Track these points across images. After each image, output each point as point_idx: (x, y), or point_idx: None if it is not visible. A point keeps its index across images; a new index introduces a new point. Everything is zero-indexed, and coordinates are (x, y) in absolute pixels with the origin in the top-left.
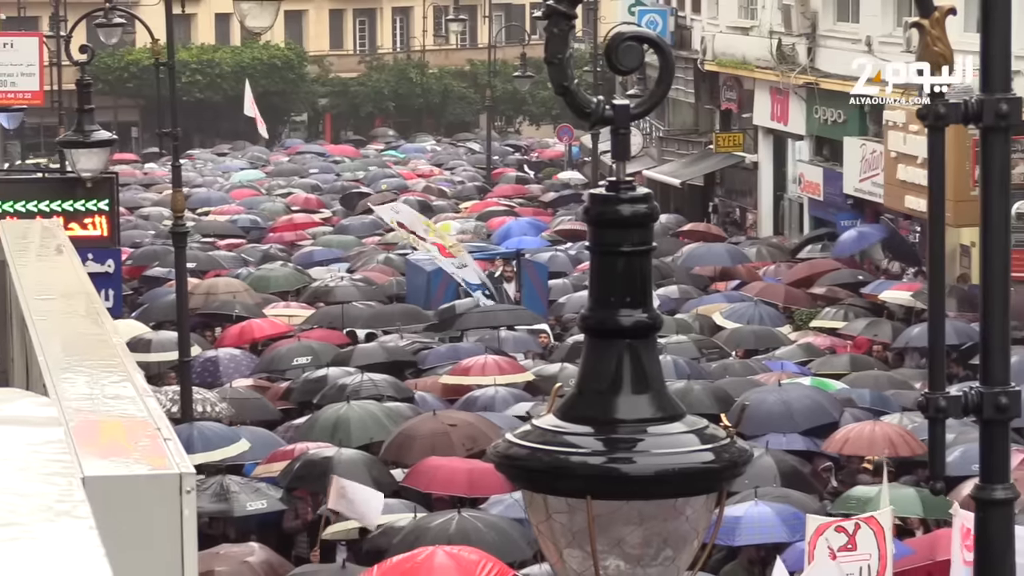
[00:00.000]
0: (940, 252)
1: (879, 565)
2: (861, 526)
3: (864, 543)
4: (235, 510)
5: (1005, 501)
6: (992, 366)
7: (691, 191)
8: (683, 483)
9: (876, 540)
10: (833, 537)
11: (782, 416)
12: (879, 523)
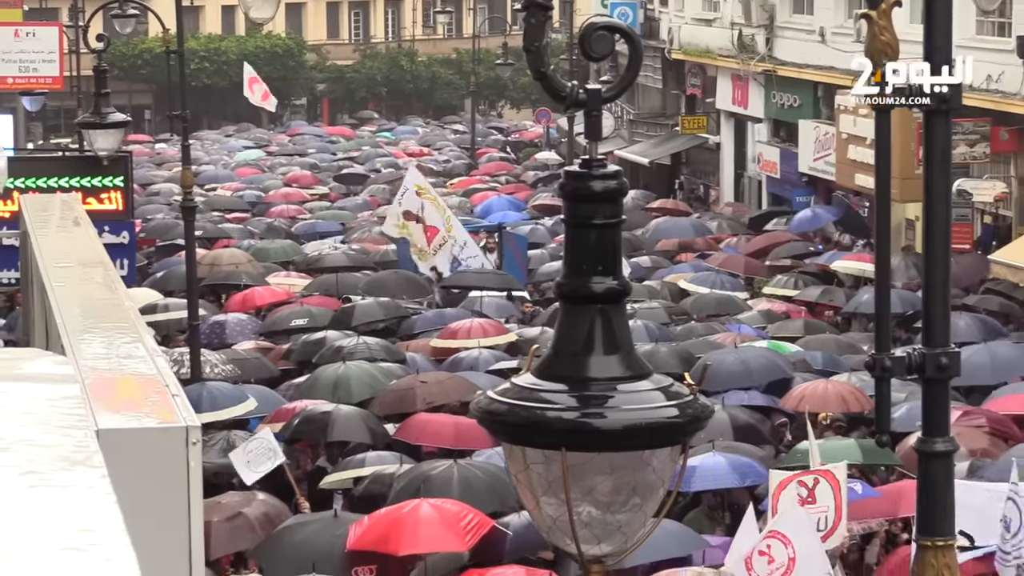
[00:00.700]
0: (886, 225)
1: (835, 516)
2: (820, 480)
3: (822, 496)
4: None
5: (945, 453)
6: (933, 329)
7: (659, 169)
8: (650, 436)
9: (833, 493)
10: (795, 491)
11: (741, 374)
12: (835, 477)
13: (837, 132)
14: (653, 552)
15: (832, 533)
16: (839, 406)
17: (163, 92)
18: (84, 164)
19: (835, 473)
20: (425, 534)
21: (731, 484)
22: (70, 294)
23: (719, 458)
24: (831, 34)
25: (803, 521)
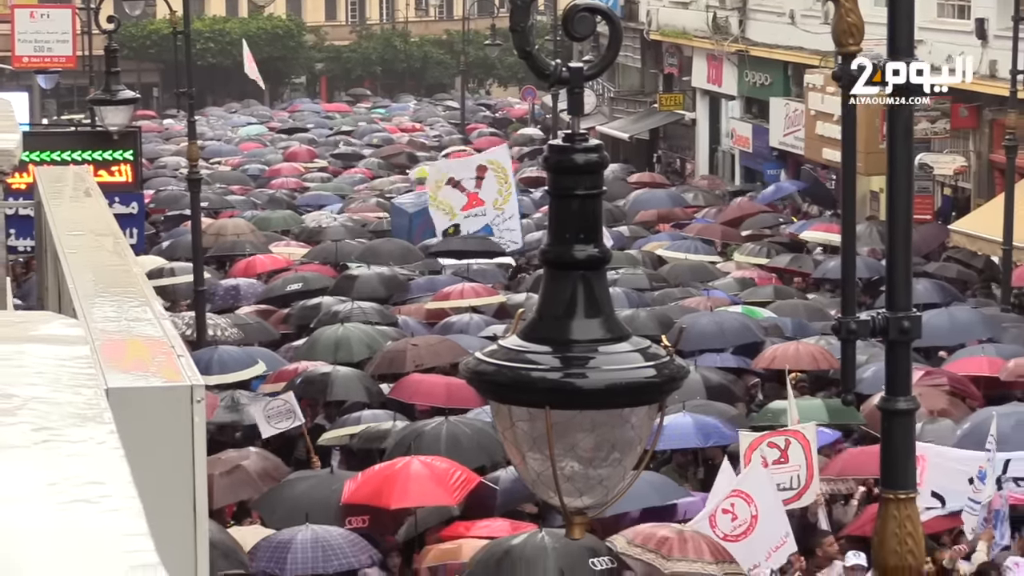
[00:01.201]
0: (851, 197)
1: (806, 474)
2: (791, 441)
3: (794, 456)
4: (245, 420)
5: (907, 411)
6: (896, 295)
7: (638, 144)
8: (629, 395)
9: (804, 453)
10: (767, 452)
11: (714, 336)
12: (806, 437)
13: (806, 109)
14: (637, 501)
15: (805, 491)
16: (810, 364)
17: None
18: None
19: (805, 433)
20: (416, 489)
21: (695, 444)
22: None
23: (687, 418)
24: (800, 16)
25: (766, 481)
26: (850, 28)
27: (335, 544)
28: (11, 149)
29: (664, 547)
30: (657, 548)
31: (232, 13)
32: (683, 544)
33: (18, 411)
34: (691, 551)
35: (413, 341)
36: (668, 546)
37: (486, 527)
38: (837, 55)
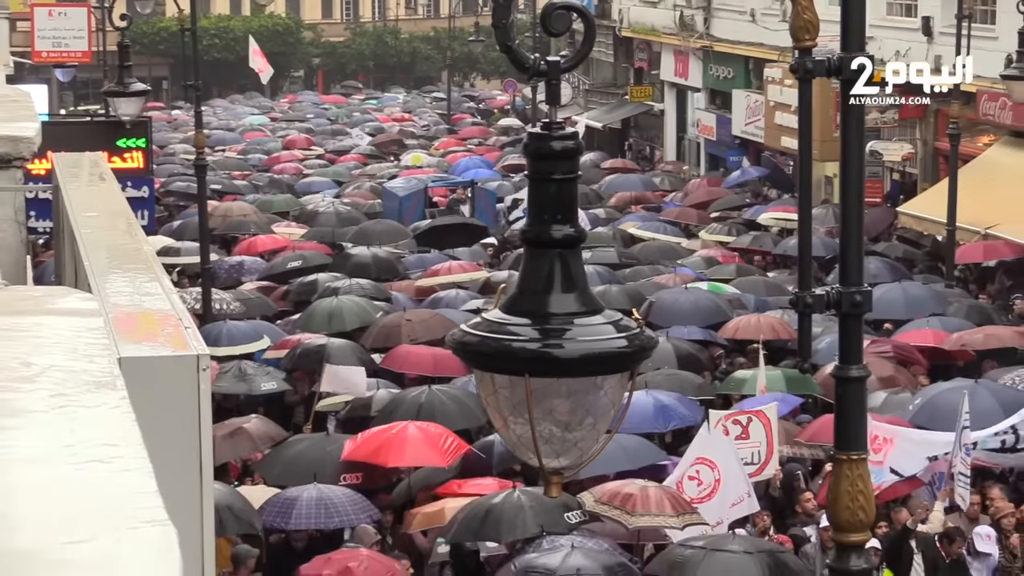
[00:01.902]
0: (808, 181)
1: (767, 451)
2: (753, 419)
3: (755, 433)
4: (252, 389)
5: (858, 378)
6: (848, 271)
7: (611, 133)
8: (602, 364)
9: (764, 431)
10: (731, 428)
11: (682, 310)
12: (767, 417)
13: (765, 100)
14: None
15: (765, 466)
16: (770, 335)
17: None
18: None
19: (767, 413)
20: (411, 451)
21: (655, 429)
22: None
23: (647, 399)
24: (760, 14)
25: (727, 448)
26: (806, 25)
27: (337, 502)
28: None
29: (628, 503)
30: (622, 504)
31: (236, 11)
32: (646, 500)
33: (37, 378)
34: (653, 506)
35: (407, 316)
36: (632, 502)
37: (476, 485)
38: (794, 50)
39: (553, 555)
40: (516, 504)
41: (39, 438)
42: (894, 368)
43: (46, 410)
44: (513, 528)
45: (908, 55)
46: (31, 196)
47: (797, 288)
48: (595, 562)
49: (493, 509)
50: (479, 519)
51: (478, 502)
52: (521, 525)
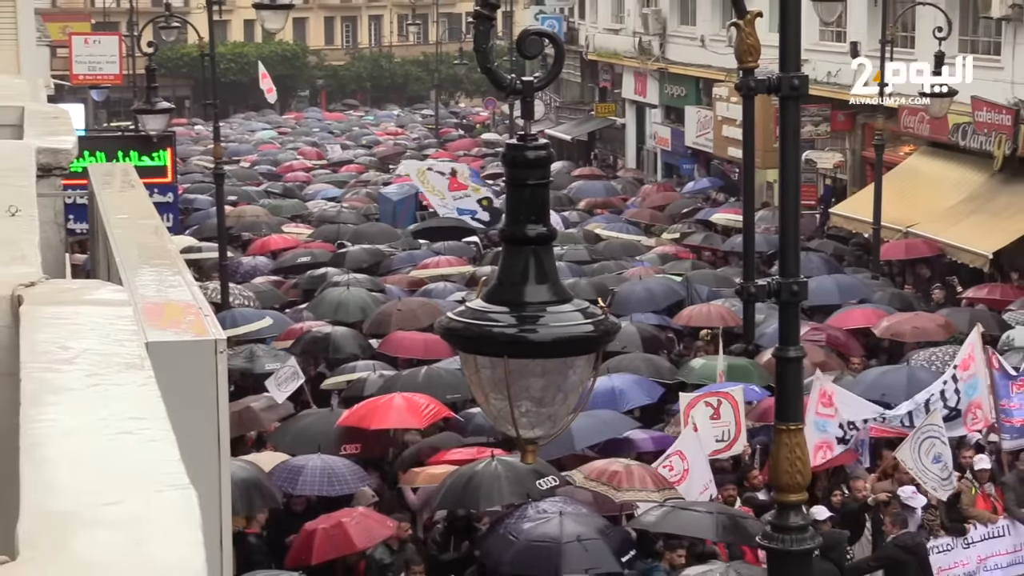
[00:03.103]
0: (751, 186)
1: (735, 429)
2: (723, 401)
3: (725, 414)
4: (257, 368)
5: (796, 359)
6: (787, 264)
7: (578, 144)
8: (572, 346)
9: (733, 411)
10: (704, 409)
11: (641, 298)
12: (734, 399)
13: (714, 115)
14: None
15: (734, 442)
16: (719, 322)
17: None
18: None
19: (734, 395)
20: (393, 415)
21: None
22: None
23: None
24: (709, 40)
25: (695, 443)
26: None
27: (339, 472)
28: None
29: (615, 480)
30: (609, 481)
31: (249, 39)
32: (630, 476)
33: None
34: (637, 482)
35: (399, 306)
36: (618, 479)
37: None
38: (739, 71)
39: (549, 524)
40: (493, 473)
41: (76, 413)
42: (824, 353)
43: (82, 388)
44: (490, 497)
45: (838, 75)
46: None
47: (743, 280)
48: (588, 527)
49: (473, 478)
50: (461, 488)
51: (461, 471)
52: (497, 494)
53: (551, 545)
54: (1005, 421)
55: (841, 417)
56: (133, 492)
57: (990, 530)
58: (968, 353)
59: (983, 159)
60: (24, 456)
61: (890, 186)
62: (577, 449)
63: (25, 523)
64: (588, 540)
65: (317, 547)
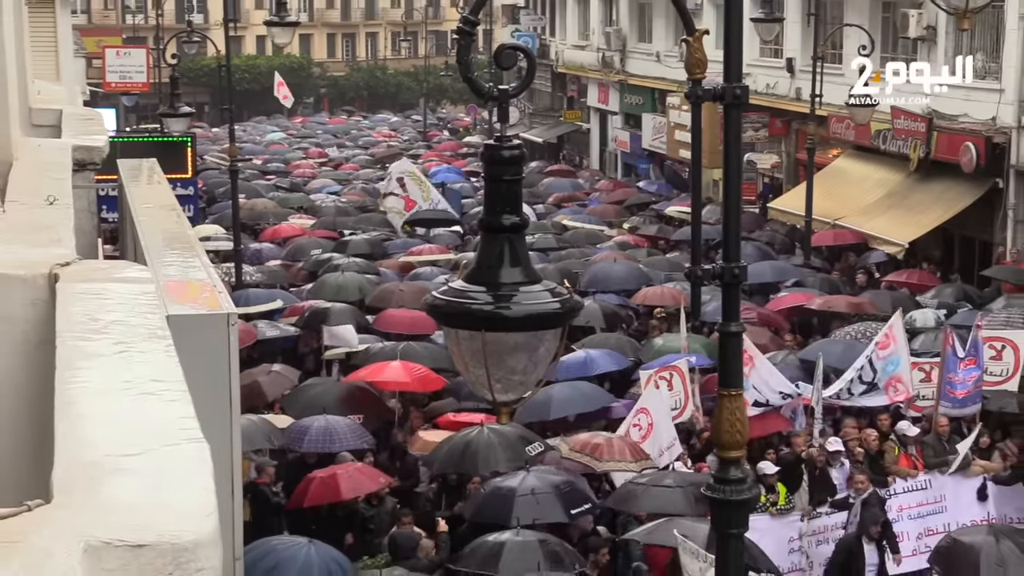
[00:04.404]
0: (699, 183)
1: (684, 398)
2: (673, 375)
3: (676, 385)
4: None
5: (736, 332)
6: (729, 251)
7: (549, 146)
8: (541, 322)
9: (682, 383)
10: (660, 382)
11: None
12: (682, 371)
13: (667, 121)
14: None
15: (684, 410)
16: (670, 302)
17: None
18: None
19: (682, 368)
20: (390, 375)
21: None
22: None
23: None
24: (663, 56)
25: (659, 400)
26: (697, 63)
27: (340, 431)
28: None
29: (596, 451)
30: (591, 452)
31: (261, 52)
32: (611, 448)
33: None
34: (616, 453)
35: (401, 286)
36: (599, 450)
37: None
38: (689, 82)
39: (513, 478)
40: (487, 440)
41: (104, 376)
42: (769, 338)
43: (110, 354)
44: (487, 461)
45: (775, 87)
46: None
47: (691, 264)
48: (545, 482)
49: (470, 444)
50: (459, 453)
51: (455, 438)
52: (493, 458)
53: (506, 495)
54: (949, 392)
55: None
56: (153, 445)
57: (911, 484)
58: (888, 333)
59: (900, 161)
60: (59, 413)
61: (820, 184)
62: (554, 416)
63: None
64: (541, 493)
65: (311, 493)
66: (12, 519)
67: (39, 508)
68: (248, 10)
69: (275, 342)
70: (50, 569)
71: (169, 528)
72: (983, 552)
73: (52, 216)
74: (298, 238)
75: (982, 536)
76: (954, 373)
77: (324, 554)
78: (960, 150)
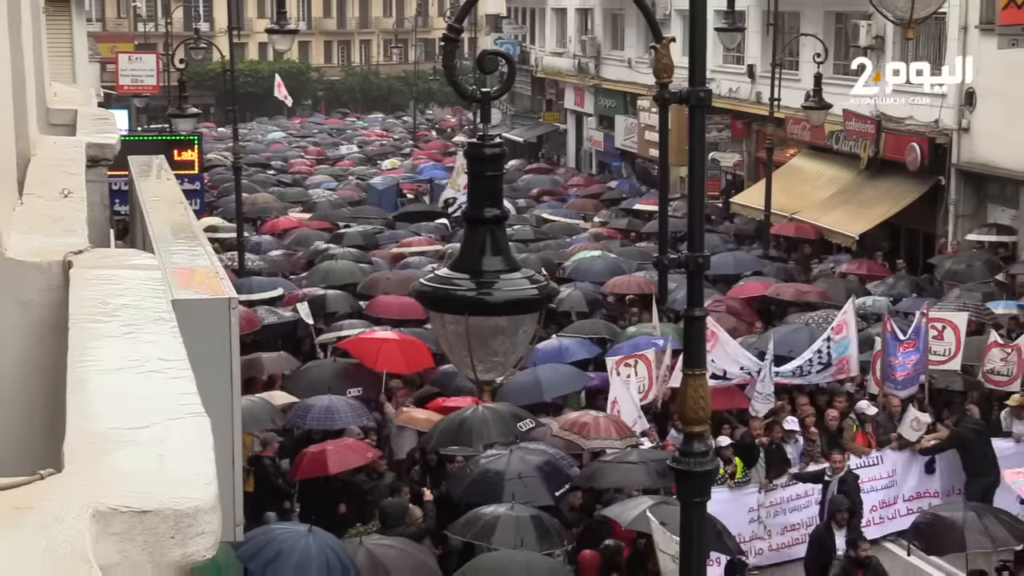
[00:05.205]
0: (666, 180)
1: (648, 382)
2: (639, 361)
3: (640, 371)
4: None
5: (700, 317)
6: (694, 242)
7: (529, 146)
8: (520, 307)
9: (647, 369)
10: (625, 369)
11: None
12: (647, 359)
13: (638, 123)
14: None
15: (649, 392)
16: (639, 289)
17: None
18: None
19: (648, 356)
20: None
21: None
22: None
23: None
24: (635, 62)
25: (621, 385)
26: (665, 68)
27: (341, 409)
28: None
29: (584, 430)
30: (579, 431)
31: (263, 58)
32: (597, 426)
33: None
34: (603, 431)
35: (388, 275)
36: (587, 429)
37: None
38: (657, 86)
39: (499, 460)
40: (481, 417)
41: (114, 355)
42: (735, 322)
43: (119, 335)
44: (481, 435)
45: (737, 91)
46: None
47: (658, 254)
48: (530, 466)
49: (465, 421)
50: (455, 429)
51: (451, 416)
52: (487, 432)
53: (496, 480)
54: (891, 375)
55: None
56: (158, 418)
57: (864, 460)
58: (842, 319)
59: (852, 160)
60: (70, 389)
61: (778, 181)
62: (549, 398)
63: (69, 443)
64: (528, 477)
65: (303, 467)
66: (26, 487)
67: (51, 477)
68: (251, 19)
69: (275, 327)
70: (61, 533)
71: (171, 495)
72: (967, 524)
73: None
74: (296, 230)
75: (962, 511)
76: (894, 356)
77: (322, 543)
78: (906, 150)
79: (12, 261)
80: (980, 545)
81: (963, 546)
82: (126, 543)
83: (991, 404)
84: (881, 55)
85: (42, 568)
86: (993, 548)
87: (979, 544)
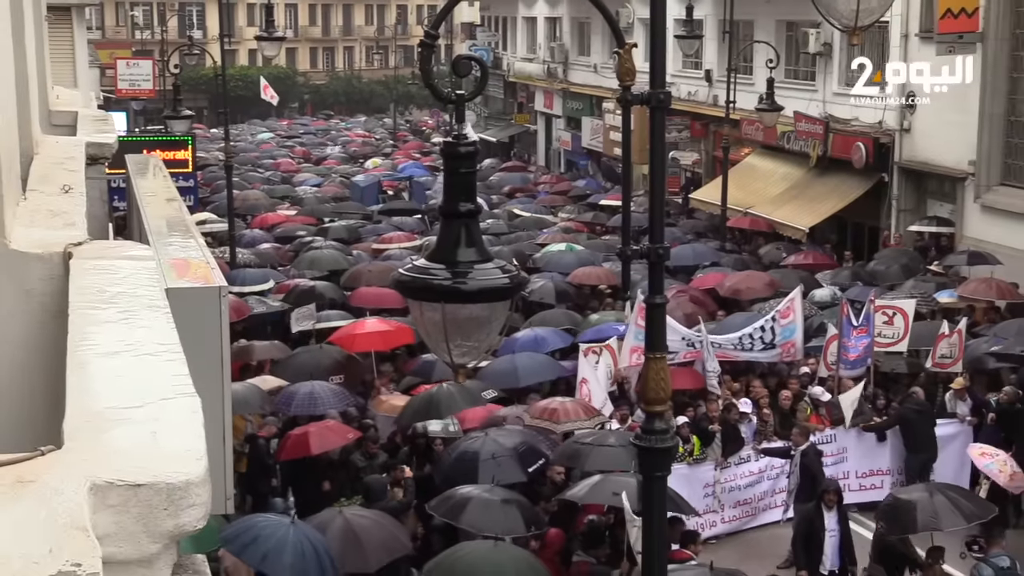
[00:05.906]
0: (629, 177)
1: (613, 368)
2: (603, 350)
3: (605, 358)
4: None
5: (660, 304)
6: (654, 234)
7: (501, 145)
8: (493, 295)
9: (611, 356)
10: (592, 357)
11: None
12: (611, 347)
13: (604, 124)
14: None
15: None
16: (605, 280)
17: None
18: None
19: (611, 344)
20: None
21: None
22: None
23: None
24: (600, 67)
25: (591, 367)
26: (628, 71)
27: (324, 395)
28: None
29: (554, 416)
30: (549, 417)
31: (253, 63)
32: (566, 411)
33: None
34: (572, 414)
35: (369, 267)
36: (556, 414)
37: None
38: (621, 89)
39: (475, 442)
40: (448, 393)
41: (111, 339)
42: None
43: (116, 321)
44: (450, 408)
45: (696, 94)
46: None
47: (622, 245)
48: (503, 446)
49: (432, 397)
50: (424, 406)
51: (420, 395)
52: (455, 406)
53: (471, 461)
54: (844, 355)
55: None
56: (152, 398)
57: (819, 437)
58: (789, 305)
59: (802, 158)
60: (70, 371)
61: (733, 178)
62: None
63: (69, 421)
64: (501, 456)
65: (287, 448)
66: (28, 462)
67: (51, 453)
68: (241, 27)
69: (265, 316)
70: (60, 504)
71: (164, 470)
72: (919, 506)
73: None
74: (284, 224)
75: (919, 493)
76: (848, 339)
77: (301, 534)
78: (852, 149)
79: (16, 252)
80: (954, 523)
81: (937, 525)
82: (122, 514)
83: (936, 386)
84: (828, 60)
85: (43, 537)
86: (967, 524)
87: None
